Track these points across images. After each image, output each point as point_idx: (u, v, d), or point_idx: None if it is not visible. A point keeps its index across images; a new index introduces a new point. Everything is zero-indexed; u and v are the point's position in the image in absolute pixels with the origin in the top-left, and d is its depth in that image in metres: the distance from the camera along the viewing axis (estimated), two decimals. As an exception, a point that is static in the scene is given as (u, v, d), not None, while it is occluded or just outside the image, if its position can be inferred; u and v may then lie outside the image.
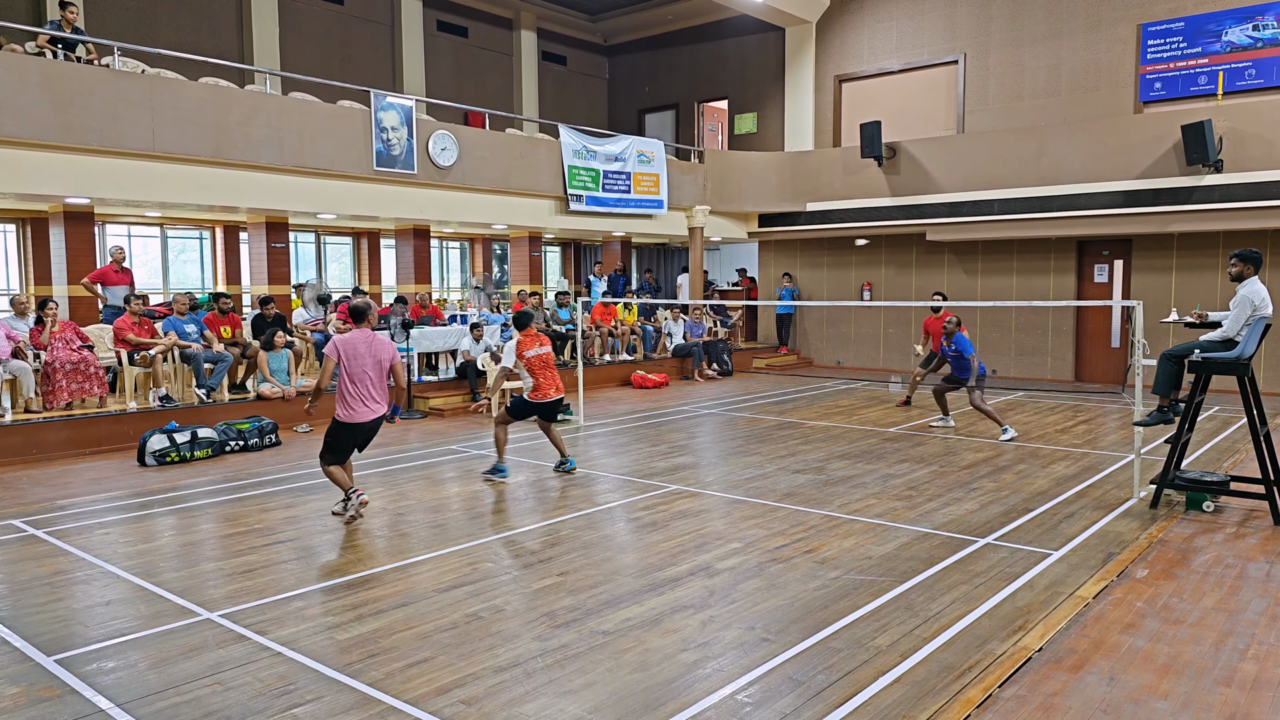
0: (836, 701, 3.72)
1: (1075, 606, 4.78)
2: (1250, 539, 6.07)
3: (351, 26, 17.60)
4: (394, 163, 12.81)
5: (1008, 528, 6.34)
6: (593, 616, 4.68)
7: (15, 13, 13.29)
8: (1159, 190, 13.76)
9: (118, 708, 3.71)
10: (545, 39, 21.22)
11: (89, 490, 7.70)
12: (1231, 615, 4.68)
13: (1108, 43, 15.16)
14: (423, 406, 12.10)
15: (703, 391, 14.54)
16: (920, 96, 17.43)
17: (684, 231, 18.24)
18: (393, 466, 8.68)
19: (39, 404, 9.63)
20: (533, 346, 8.10)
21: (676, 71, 21.58)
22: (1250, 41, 13.92)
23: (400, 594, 5.05)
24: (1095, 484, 7.71)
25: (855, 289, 18.37)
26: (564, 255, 22.10)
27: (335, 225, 16.70)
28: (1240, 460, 8.54)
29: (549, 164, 15.26)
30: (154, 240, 15.22)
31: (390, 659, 4.17)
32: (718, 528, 6.41)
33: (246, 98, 11.60)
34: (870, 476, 8.05)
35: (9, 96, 9.44)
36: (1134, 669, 4.04)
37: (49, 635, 4.48)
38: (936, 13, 17.01)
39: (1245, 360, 6.52)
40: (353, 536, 6.30)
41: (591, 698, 3.78)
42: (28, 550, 5.94)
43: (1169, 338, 14.31)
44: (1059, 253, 15.87)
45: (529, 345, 8.09)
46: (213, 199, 11.47)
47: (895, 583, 5.16)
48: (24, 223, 13.07)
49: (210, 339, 10.85)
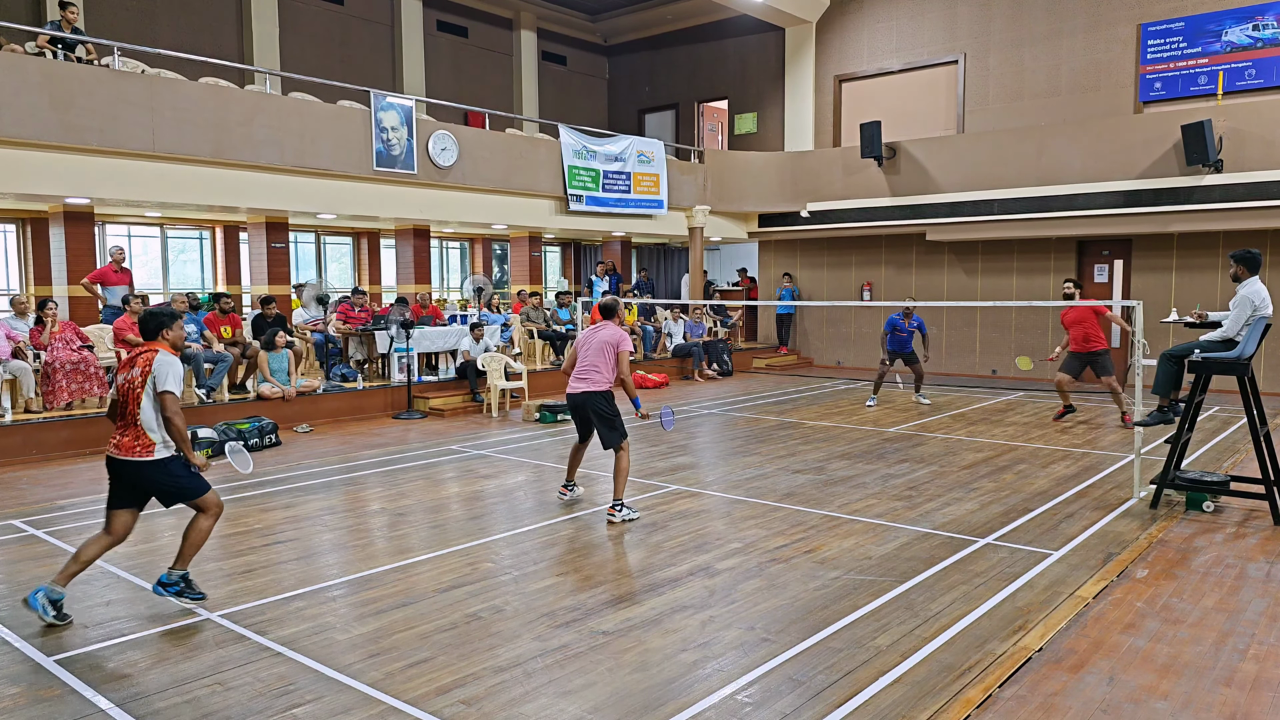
0: (836, 701, 3.72)
1: (1075, 606, 4.77)
2: (1250, 539, 6.07)
3: (351, 26, 17.60)
4: (394, 163, 12.81)
5: (1008, 528, 6.34)
6: (593, 616, 4.68)
7: (15, 13, 13.28)
8: (1159, 190, 13.75)
9: (118, 708, 3.71)
10: (545, 39, 21.22)
11: (89, 490, 7.69)
12: (1231, 615, 4.68)
13: (1108, 43, 15.16)
14: (423, 406, 12.10)
15: (703, 391, 14.54)
16: (920, 96, 17.43)
17: (684, 231, 18.24)
18: (393, 466, 8.68)
19: (39, 404, 9.63)
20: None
21: (676, 71, 21.57)
22: (1250, 41, 13.92)
23: (400, 594, 5.05)
24: (1095, 484, 7.71)
25: (855, 289, 18.37)
26: (564, 255, 22.09)
27: (335, 225, 16.70)
28: (1240, 460, 8.54)
29: (549, 164, 15.26)
30: (154, 240, 15.21)
31: (390, 659, 4.17)
32: (718, 528, 6.40)
33: (246, 98, 11.60)
34: (870, 476, 8.05)
35: (9, 96, 9.44)
36: (1134, 669, 4.04)
37: (49, 635, 4.48)
38: (936, 13, 17.01)
39: (1245, 360, 6.52)
40: (353, 536, 6.30)
41: (591, 698, 3.78)
42: (28, 550, 5.94)
43: (1169, 338, 14.31)
44: (1059, 253, 15.86)
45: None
46: (213, 199, 11.47)
47: (895, 583, 5.16)
48: (24, 223, 13.07)
49: (210, 339, 10.85)
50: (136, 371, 4.72)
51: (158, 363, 4.71)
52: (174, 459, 4.77)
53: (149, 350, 4.80)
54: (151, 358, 4.74)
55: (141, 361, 4.74)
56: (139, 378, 4.70)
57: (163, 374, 4.68)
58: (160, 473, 4.74)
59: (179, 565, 4.88)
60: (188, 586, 4.88)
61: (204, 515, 4.91)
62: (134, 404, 4.68)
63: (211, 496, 4.94)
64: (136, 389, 4.68)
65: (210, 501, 4.92)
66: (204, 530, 4.89)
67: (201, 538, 4.90)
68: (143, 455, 4.67)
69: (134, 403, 4.68)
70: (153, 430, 4.70)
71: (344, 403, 11.69)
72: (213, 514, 4.93)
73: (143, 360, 4.75)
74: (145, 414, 4.68)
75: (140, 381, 4.69)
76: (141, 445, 4.67)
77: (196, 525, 4.88)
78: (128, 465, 4.69)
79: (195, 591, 4.90)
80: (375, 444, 9.91)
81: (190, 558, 4.90)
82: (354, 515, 6.92)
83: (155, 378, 4.68)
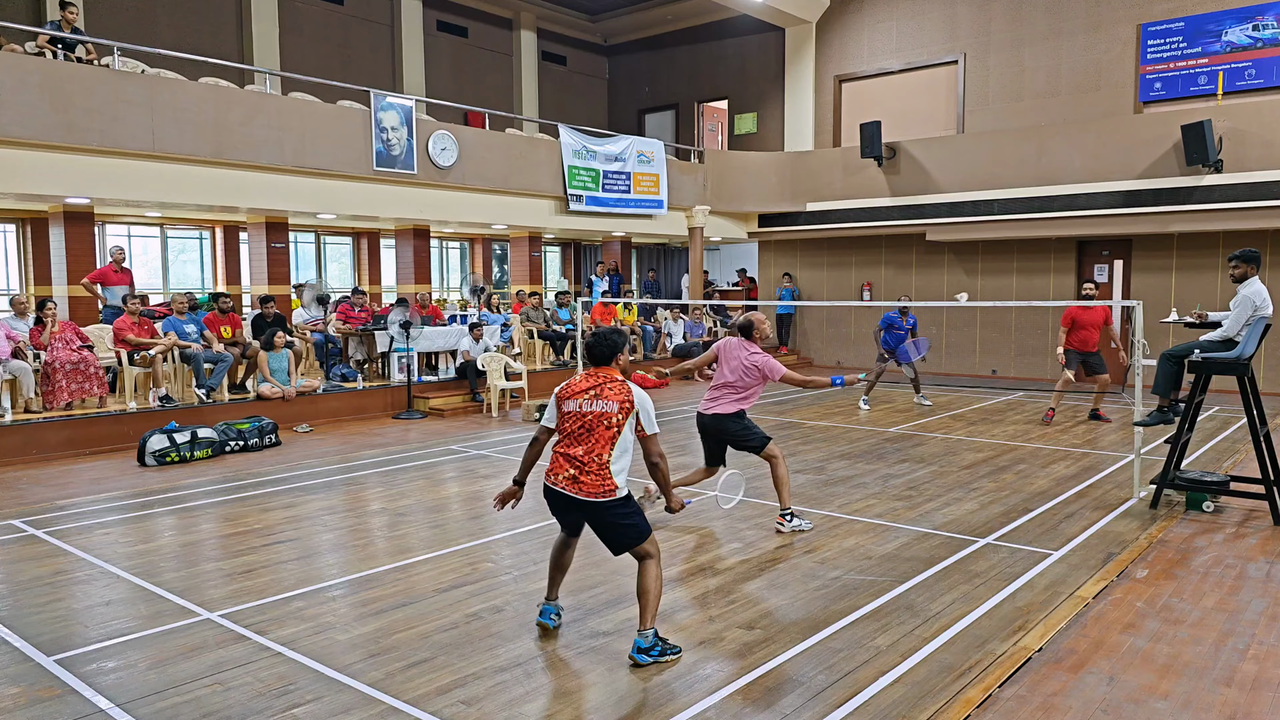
0: (836, 701, 3.72)
1: (1075, 606, 4.77)
2: (1250, 539, 6.07)
3: (351, 26, 17.61)
4: (394, 163, 12.81)
5: (1008, 528, 6.34)
6: (593, 616, 4.68)
7: (15, 13, 13.29)
8: (1159, 190, 13.75)
9: (118, 708, 3.71)
10: (545, 39, 21.22)
11: (89, 490, 7.69)
12: (1231, 615, 4.68)
13: (1108, 43, 15.16)
14: (423, 406, 12.10)
15: (703, 391, 14.49)
16: (920, 96, 17.43)
17: (684, 231, 18.24)
18: (393, 466, 8.68)
19: (39, 404, 9.63)
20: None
21: (676, 71, 21.57)
22: (1250, 41, 13.92)
23: (400, 594, 5.05)
24: (1095, 484, 7.70)
25: (855, 289, 18.37)
26: (564, 255, 22.10)
27: (335, 225, 16.71)
28: (1240, 460, 8.54)
29: (549, 164, 15.26)
30: (154, 240, 15.22)
31: (390, 659, 4.17)
32: (718, 528, 6.40)
33: (246, 98, 11.60)
34: (870, 476, 8.05)
35: (9, 96, 9.44)
36: (1134, 669, 4.04)
37: (49, 635, 4.48)
38: (936, 13, 17.01)
39: (1245, 360, 6.52)
40: (353, 536, 6.30)
41: (591, 698, 3.77)
42: (28, 550, 5.94)
43: (1169, 338, 14.31)
44: (1059, 253, 15.86)
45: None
46: (213, 199, 11.47)
47: (895, 583, 5.16)
48: (24, 223, 13.07)
49: (210, 339, 10.85)
50: (612, 406, 4.20)
51: (639, 400, 4.24)
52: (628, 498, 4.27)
53: (614, 380, 4.29)
54: (625, 390, 4.25)
55: (612, 394, 4.23)
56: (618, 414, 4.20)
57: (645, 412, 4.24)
58: (624, 513, 4.24)
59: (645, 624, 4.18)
60: (664, 644, 4.19)
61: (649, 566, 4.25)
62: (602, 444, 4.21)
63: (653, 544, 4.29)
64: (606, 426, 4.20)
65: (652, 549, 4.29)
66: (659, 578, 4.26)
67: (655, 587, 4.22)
68: (607, 497, 4.20)
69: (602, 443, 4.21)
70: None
71: (344, 403, 11.69)
72: (657, 559, 4.28)
73: (613, 394, 4.23)
74: (613, 454, 4.21)
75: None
76: (606, 488, 4.18)
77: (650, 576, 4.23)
78: (594, 505, 4.23)
79: (672, 647, 4.20)
80: (375, 444, 9.91)
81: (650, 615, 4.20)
82: (354, 515, 6.92)
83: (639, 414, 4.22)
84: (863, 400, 12.65)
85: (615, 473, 4.19)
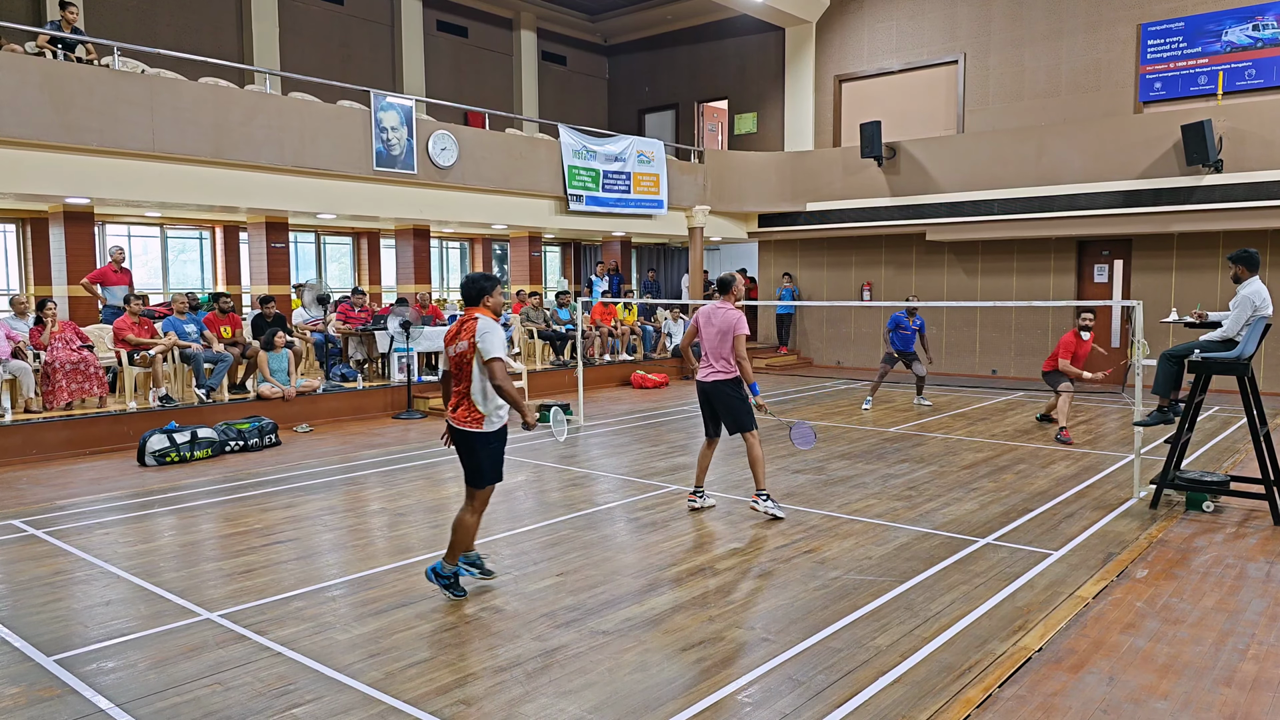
0: (836, 701, 3.72)
1: (1075, 606, 4.77)
2: (1250, 539, 6.07)
3: (351, 26, 17.61)
4: (394, 163, 12.81)
5: (1008, 528, 6.34)
6: (593, 616, 4.68)
7: (15, 13, 13.29)
8: (1159, 190, 13.76)
9: (118, 708, 3.71)
10: (545, 39, 21.22)
11: (89, 490, 7.70)
12: (1231, 615, 4.68)
13: (1108, 43, 15.17)
14: (423, 406, 12.10)
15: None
16: (920, 96, 17.43)
17: (684, 231, 18.24)
18: (393, 466, 8.69)
19: (39, 404, 9.63)
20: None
21: (676, 71, 21.58)
22: (1250, 41, 13.92)
23: (400, 594, 5.05)
24: (1095, 484, 7.70)
25: (855, 289, 18.37)
26: (564, 255, 22.09)
27: (335, 225, 16.71)
28: (1240, 460, 8.54)
29: (549, 164, 15.26)
30: (154, 240, 15.22)
31: (390, 659, 4.17)
32: (718, 528, 6.41)
33: (246, 98, 11.60)
34: (870, 476, 8.05)
35: (9, 96, 9.44)
36: (1134, 669, 4.04)
37: (49, 635, 4.48)
38: (936, 13, 17.01)
39: (1245, 360, 6.52)
40: (352, 536, 6.30)
41: (591, 698, 3.78)
42: (28, 550, 5.94)
43: (1169, 338, 14.31)
44: (1059, 253, 15.87)
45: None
46: (213, 199, 11.47)
47: (895, 583, 5.16)
48: (24, 223, 13.07)
49: (210, 339, 10.85)
50: (464, 344, 4.78)
51: (480, 329, 4.74)
52: (496, 435, 4.86)
53: (470, 319, 4.84)
54: (474, 325, 4.77)
55: (465, 332, 4.79)
56: (468, 350, 4.76)
57: (486, 341, 4.71)
58: (482, 446, 4.84)
59: (449, 560, 4.93)
60: (454, 582, 4.91)
61: (470, 510, 4.94)
62: (466, 379, 4.80)
63: (487, 492, 4.98)
64: (466, 361, 4.77)
65: (483, 497, 4.96)
66: (468, 526, 4.95)
67: (467, 535, 4.95)
68: (473, 427, 4.82)
69: (466, 378, 4.80)
70: (480, 403, 4.80)
71: (344, 403, 11.69)
72: (478, 510, 4.96)
73: (466, 331, 4.79)
74: (475, 385, 4.77)
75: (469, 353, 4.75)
76: (472, 418, 4.82)
77: (462, 520, 4.94)
78: (462, 434, 4.86)
79: (459, 589, 4.91)
80: (375, 444, 9.91)
81: (458, 554, 4.96)
82: (354, 515, 6.92)
83: (480, 346, 4.72)
84: (866, 400, 12.65)
85: (480, 404, 4.79)
